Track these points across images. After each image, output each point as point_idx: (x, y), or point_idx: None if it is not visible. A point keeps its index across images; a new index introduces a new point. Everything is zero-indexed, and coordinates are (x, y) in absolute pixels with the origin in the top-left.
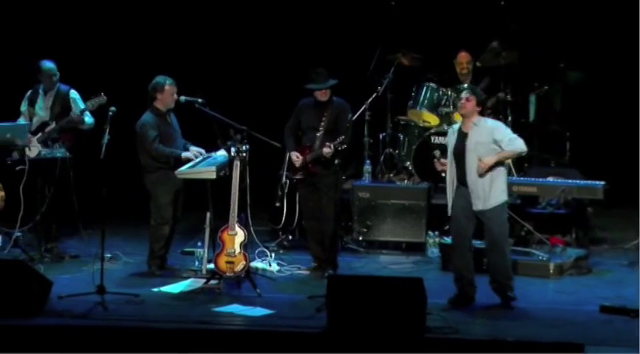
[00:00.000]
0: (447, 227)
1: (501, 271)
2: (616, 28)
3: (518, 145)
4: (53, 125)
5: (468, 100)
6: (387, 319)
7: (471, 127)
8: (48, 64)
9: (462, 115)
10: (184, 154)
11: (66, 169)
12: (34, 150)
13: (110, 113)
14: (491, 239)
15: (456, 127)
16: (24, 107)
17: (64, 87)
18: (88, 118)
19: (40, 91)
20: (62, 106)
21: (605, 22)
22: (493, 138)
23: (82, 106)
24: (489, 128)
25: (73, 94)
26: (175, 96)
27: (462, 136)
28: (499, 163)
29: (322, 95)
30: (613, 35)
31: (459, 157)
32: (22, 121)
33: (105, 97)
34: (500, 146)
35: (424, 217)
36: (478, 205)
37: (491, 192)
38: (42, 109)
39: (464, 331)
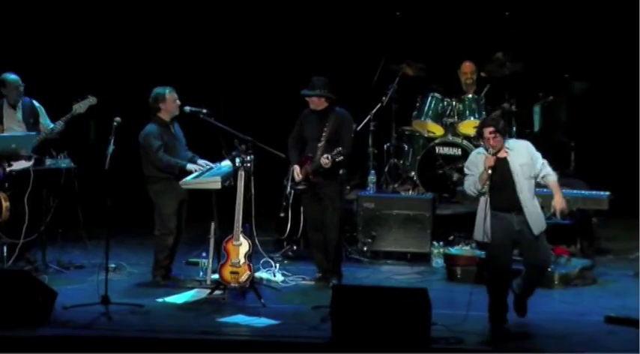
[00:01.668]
0: (451, 237)
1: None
2: (620, 38)
3: (551, 170)
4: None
5: (495, 138)
6: (391, 329)
7: (506, 152)
8: (12, 76)
9: (493, 151)
10: (189, 166)
11: (71, 180)
12: (18, 164)
13: (115, 124)
14: (542, 260)
15: (482, 150)
16: None
17: (26, 98)
18: (52, 125)
19: (5, 105)
20: (34, 117)
21: (610, 32)
22: (531, 157)
23: (46, 116)
24: (524, 147)
25: (38, 104)
26: (178, 102)
27: (502, 162)
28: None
29: (312, 103)
30: (617, 45)
31: (503, 184)
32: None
33: (94, 98)
34: (534, 166)
35: (429, 227)
36: (535, 230)
37: (541, 215)
38: (15, 124)
39: (468, 342)
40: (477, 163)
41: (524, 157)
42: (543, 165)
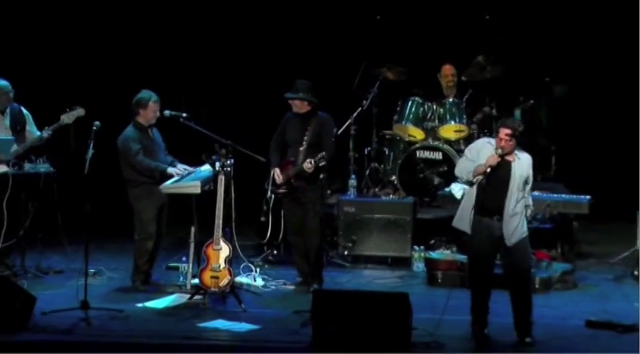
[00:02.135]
0: (432, 242)
1: (529, 310)
2: (601, 41)
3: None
4: (17, 148)
5: (508, 141)
6: (372, 334)
7: (515, 159)
8: (2, 82)
9: (501, 152)
10: (170, 170)
11: (50, 184)
12: None
13: (94, 128)
14: (518, 269)
15: (493, 141)
16: None
17: (15, 104)
18: (38, 132)
19: None
20: (21, 123)
21: (590, 35)
22: (528, 175)
23: (33, 124)
24: (527, 163)
25: (26, 111)
26: (157, 113)
27: (505, 165)
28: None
29: (295, 106)
30: (598, 49)
31: (498, 187)
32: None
33: (82, 110)
34: (526, 184)
35: (409, 231)
36: (511, 239)
37: (522, 223)
38: (2, 130)
39: (449, 347)
40: (480, 151)
41: (525, 171)
42: (529, 193)
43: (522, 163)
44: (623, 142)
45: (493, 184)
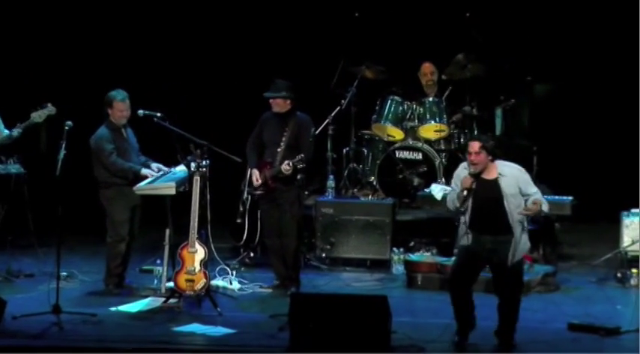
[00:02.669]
0: (412, 244)
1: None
2: (584, 40)
3: (546, 203)
4: None
5: (477, 154)
6: (350, 338)
7: (499, 178)
8: None
9: (473, 171)
10: (144, 171)
11: (20, 186)
12: None
13: (66, 128)
14: (511, 291)
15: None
16: None
17: None
18: (9, 132)
19: None
20: None
21: (573, 33)
22: (521, 191)
23: (1, 123)
24: (514, 180)
25: None
26: (126, 113)
27: (491, 184)
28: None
29: (276, 105)
30: (581, 47)
31: (494, 205)
32: None
33: (53, 108)
34: (527, 197)
35: (389, 233)
36: (510, 258)
37: (521, 244)
38: None
39: (430, 351)
40: (460, 176)
41: (514, 186)
42: (538, 193)
43: (508, 180)
44: (605, 143)
45: (484, 205)
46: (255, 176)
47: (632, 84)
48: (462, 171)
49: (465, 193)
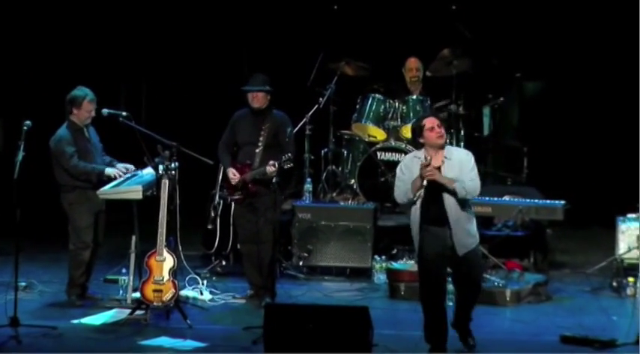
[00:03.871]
0: (394, 251)
1: (470, 313)
2: (575, 35)
3: (471, 187)
4: None
5: (440, 126)
6: (329, 351)
7: (443, 161)
8: None
9: (437, 146)
10: (108, 171)
11: None
12: None
13: (25, 128)
14: (472, 282)
15: (419, 154)
16: None
17: None
18: None
19: None
20: None
21: (564, 29)
22: (461, 170)
23: None
24: (457, 163)
25: None
26: (93, 113)
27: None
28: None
29: (256, 100)
30: (572, 44)
31: (434, 193)
32: None
33: None
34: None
35: (370, 240)
36: (461, 248)
37: (471, 231)
38: None
39: None
40: (412, 167)
41: (456, 171)
42: (471, 181)
43: (452, 164)
44: (600, 143)
45: (432, 193)
46: (232, 173)
47: (628, 81)
48: (412, 160)
49: (425, 182)
